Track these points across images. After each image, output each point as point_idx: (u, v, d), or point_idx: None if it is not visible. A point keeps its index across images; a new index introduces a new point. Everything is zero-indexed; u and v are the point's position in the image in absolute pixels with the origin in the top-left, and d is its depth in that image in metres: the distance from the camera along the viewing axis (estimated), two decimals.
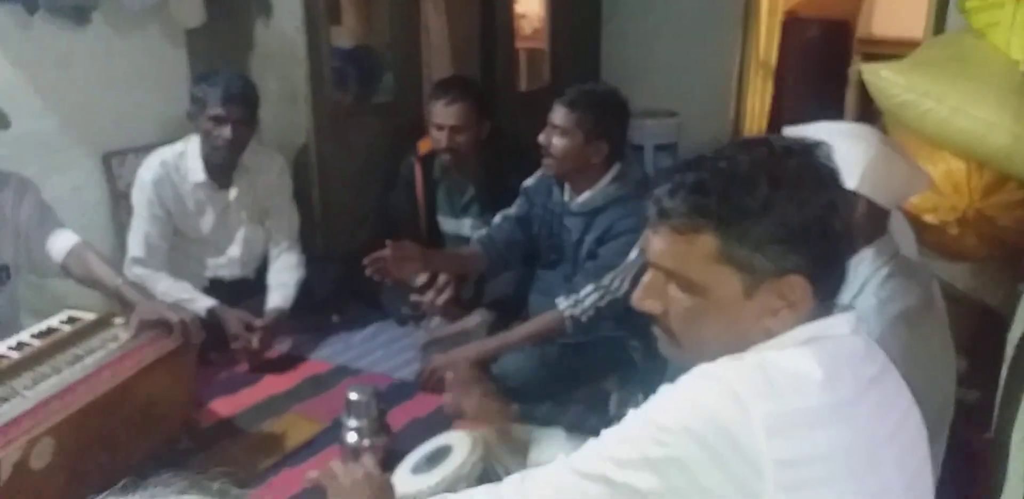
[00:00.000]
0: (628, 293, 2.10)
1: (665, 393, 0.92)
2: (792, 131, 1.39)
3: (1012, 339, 1.86)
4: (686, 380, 0.91)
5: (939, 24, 3.01)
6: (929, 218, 1.99)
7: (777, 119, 4.53)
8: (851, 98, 5.03)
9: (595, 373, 2.27)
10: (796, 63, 4.89)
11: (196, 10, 2.71)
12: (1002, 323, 2.08)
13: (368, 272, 2.18)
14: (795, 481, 0.83)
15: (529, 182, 2.41)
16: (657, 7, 4.25)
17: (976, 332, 1.88)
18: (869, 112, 3.13)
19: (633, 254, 2.14)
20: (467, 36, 3.47)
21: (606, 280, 2.14)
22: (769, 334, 0.93)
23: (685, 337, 0.97)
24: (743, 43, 4.26)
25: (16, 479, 1.44)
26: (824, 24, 5.15)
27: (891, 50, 3.00)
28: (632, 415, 0.95)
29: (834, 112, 4.61)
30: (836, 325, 0.92)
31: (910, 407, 0.97)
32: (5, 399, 1.61)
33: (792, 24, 4.80)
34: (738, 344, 0.93)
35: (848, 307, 0.97)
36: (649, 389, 1.88)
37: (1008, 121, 1.93)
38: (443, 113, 2.64)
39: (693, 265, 0.92)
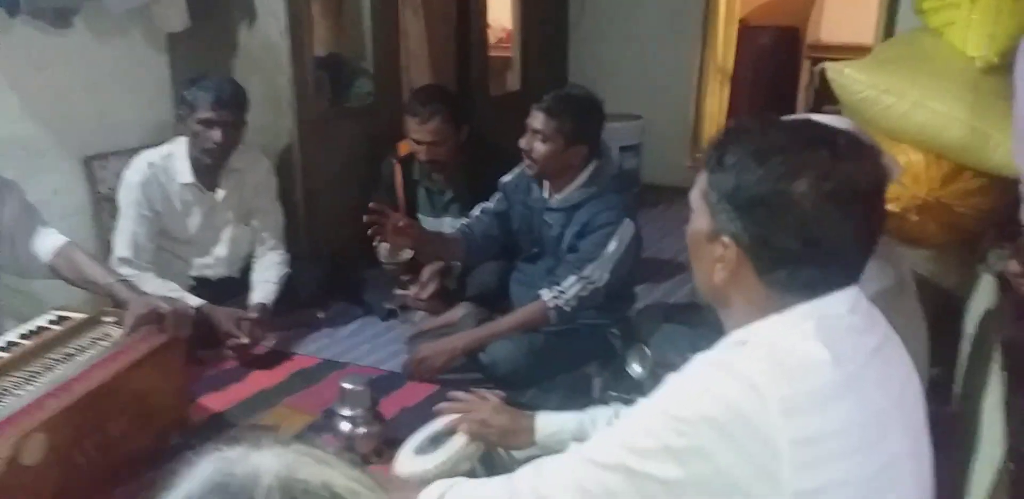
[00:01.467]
0: (608, 283, 2.21)
1: (676, 384, 0.95)
2: None
3: (973, 317, 1.98)
4: (696, 370, 0.95)
5: (888, 29, 3.17)
6: (891, 206, 2.10)
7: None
8: (802, 101, 5.23)
9: (578, 359, 2.34)
10: (750, 68, 5.06)
11: (179, 14, 2.72)
12: (958, 305, 2.21)
13: (367, 219, 2.23)
14: (811, 459, 0.86)
15: (507, 178, 2.47)
16: (621, 16, 4.38)
17: (934, 313, 1.99)
18: (819, 113, 3.27)
19: (611, 246, 2.21)
20: (444, 42, 3.54)
21: (587, 271, 2.21)
22: (723, 292, 0.99)
23: (690, 260, 1.05)
24: (702, 50, 4.41)
25: (9, 475, 1.45)
26: (775, 31, 5.33)
27: (839, 55, 3.15)
28: (644, 405, 0.97)
29: (787, 113, 4.77)
30: (833, 304, 0.95)
31: (910, 373, 1.02)
32: None
33: (745, 31, 4.97)
34: (712, 288, 1.00)
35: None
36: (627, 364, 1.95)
37: (965, 115, 2.05)
38: (420, 130, 2.69)
39: (695, 195, 1.02)
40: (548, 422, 1.46)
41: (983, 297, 1.92)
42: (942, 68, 2.15)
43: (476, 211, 2.51)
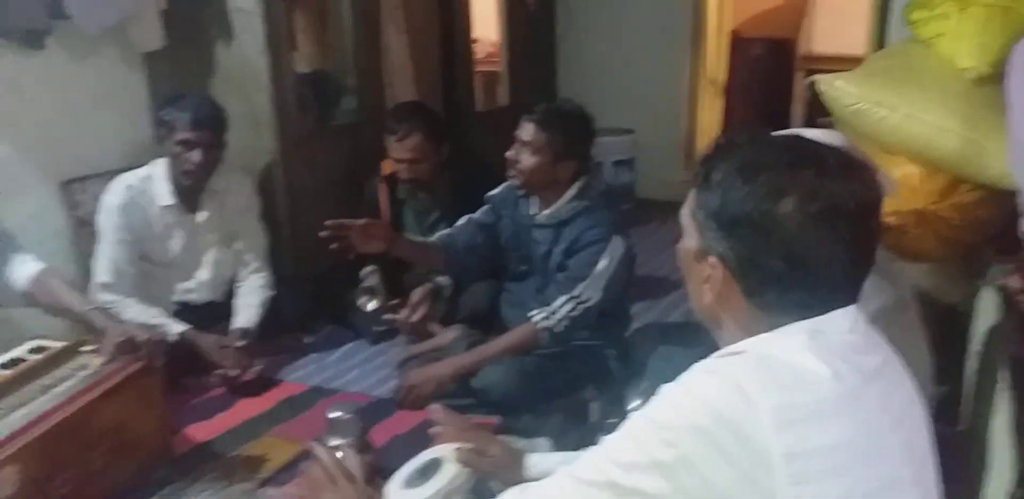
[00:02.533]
0: (600, 302, 2.15)
1: (666, 392, 0.92)
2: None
3: (977, 333, 1.93)
4: (686, 378, 0.91)
5: (879, 40, 3.15)
6: (889, 220, 2.05)
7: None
8: (796, 112, 5.22)
9: (573, 383, 2.27)
10: (743, 80, 5.05)
11: (154, 33, 2.67)
12: (962, 320, 2.16)
13: (325, 234, 2.12)
14: (805, 474, 0.83)
15: (494, 192, 2.41)
16: (608, 29, 4.37)
17: (938, 330, 1.95)
18: (813, 125, 3.25)
19: (602, 264, 2.16)
20: (427, 58, 3.51)
21: (577, 290, 2.15)
22: (714, 313, 0.97)
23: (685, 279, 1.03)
24: (693, 62, 4.40)
25: None
26: (768, 43, 5.33)
27: (832, 66, 3.13)
28: (634, 417, 0.94)
29: (781, 126, 4.76)
30: (830, 322, 0.92)
31: (913, 398, 0.98)
32: None
33: (738, 43, 4.96)
34: (703, 308, 0.98)
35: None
36: (626, 396, 1.90)
37: (958, 126, 2.02)
38: (398, 148, 2.67)
39: (684, 212, 0.99)
40: (540, 460, 1.41)
41: (987, 313, 1.88)
42: (934, 79, 2.12)
43: (460, 221, 2.44)
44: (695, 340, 2.19)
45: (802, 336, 0.90)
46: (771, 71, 5.30)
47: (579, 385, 2.28)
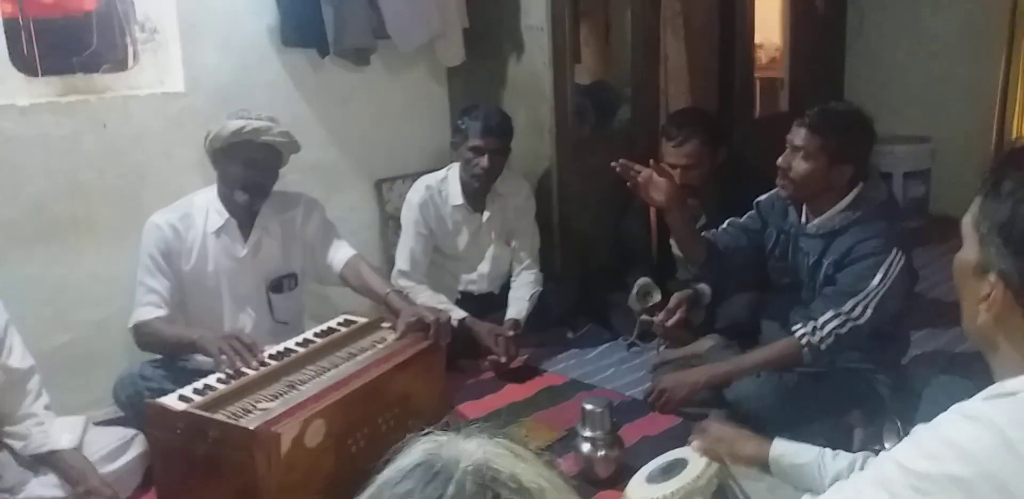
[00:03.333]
0: (871, 321, 2.01)
1: (922, 436, 0.87)
2: None
3: None
4: (945, 421, 0.86)
5: None
6: None
7: None
8: None
9: (837, 406, 2.15)
10: None
11: (457, 51, 2.97)
12: None
13: (617, 167, 2.27)
14: None
15: (763, 198, 2.34)
16: (906, 29, 4.07)
17: None
18: None
19: (876, 279, 2.01)
20: (706, 64, 3.51)
21: (847, 306, 2.02)
22: (988, 335, 0.90)
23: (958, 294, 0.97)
24: (1007, 64, 3.94)
25: (293, 453, 1.68)
26: None
27: None
28: (885, 458, 0.90)
29: None
30: None
31: None
32: (292, 387, 1.87)
33: None
34: (975, 329, 0.92)
35: None
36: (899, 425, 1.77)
37: None
38: (674, 153, 2.70)
39: (967, 221, 0.94)
40: (783, 443, 1.43)
41: None
42: None
43: (725, 224, 2.39)
44: (983, 373, 1.97)
45: None
46: None
47: (844, 409, 2.16)
